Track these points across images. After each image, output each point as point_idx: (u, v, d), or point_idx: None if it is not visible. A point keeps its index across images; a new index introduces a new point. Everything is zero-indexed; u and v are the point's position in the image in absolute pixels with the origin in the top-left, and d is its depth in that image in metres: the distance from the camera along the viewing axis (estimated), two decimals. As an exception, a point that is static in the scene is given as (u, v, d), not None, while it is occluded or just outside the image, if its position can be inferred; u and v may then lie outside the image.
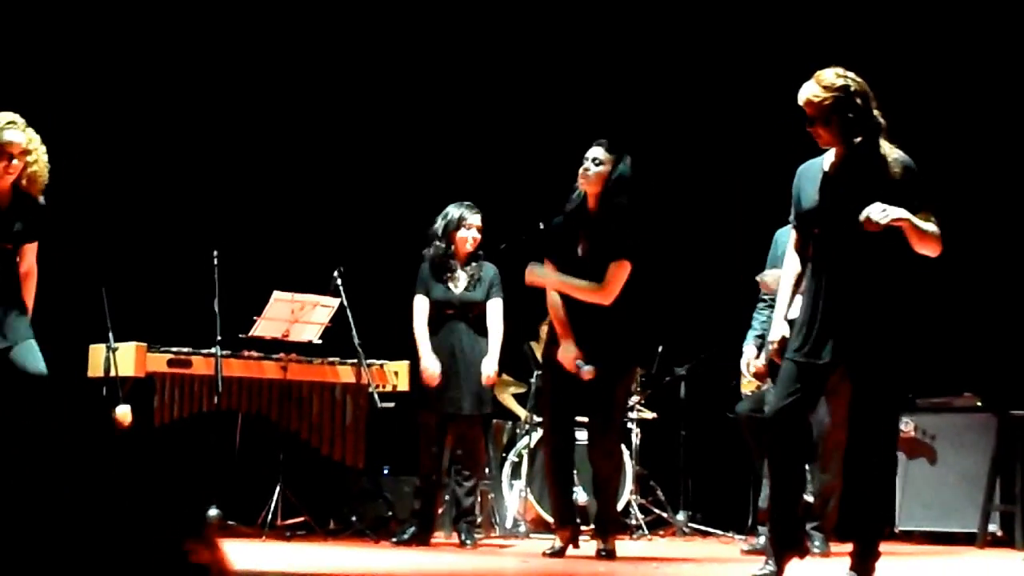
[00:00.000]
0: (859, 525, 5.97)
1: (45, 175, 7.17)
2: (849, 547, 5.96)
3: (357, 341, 8.86)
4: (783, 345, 6.01)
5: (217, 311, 8.58)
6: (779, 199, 6.29)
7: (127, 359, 8.48)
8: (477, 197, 8.76)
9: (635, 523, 9.89)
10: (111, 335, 8.28)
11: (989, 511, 9.43)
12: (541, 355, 8.16)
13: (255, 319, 8.87)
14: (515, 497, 9.80)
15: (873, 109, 5.85)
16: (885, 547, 5.95)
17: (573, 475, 8.06)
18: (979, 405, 9.77)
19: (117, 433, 8.40)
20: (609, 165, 7.63)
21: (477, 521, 9.12)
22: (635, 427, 10.21)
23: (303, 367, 9.06)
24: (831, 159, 5.95)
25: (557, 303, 7.69)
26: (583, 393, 7.66)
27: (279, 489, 8.94)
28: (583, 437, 8.17)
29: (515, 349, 9.72)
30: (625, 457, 9.79)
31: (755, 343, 8.43)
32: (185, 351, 8.74)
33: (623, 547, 8.59)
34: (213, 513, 8.70)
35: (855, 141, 5.81)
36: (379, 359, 9.14)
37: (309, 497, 9.37)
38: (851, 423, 6.00)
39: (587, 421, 7.93)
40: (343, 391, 9.06)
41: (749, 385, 9.16)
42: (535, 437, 9.61)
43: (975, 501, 9.44)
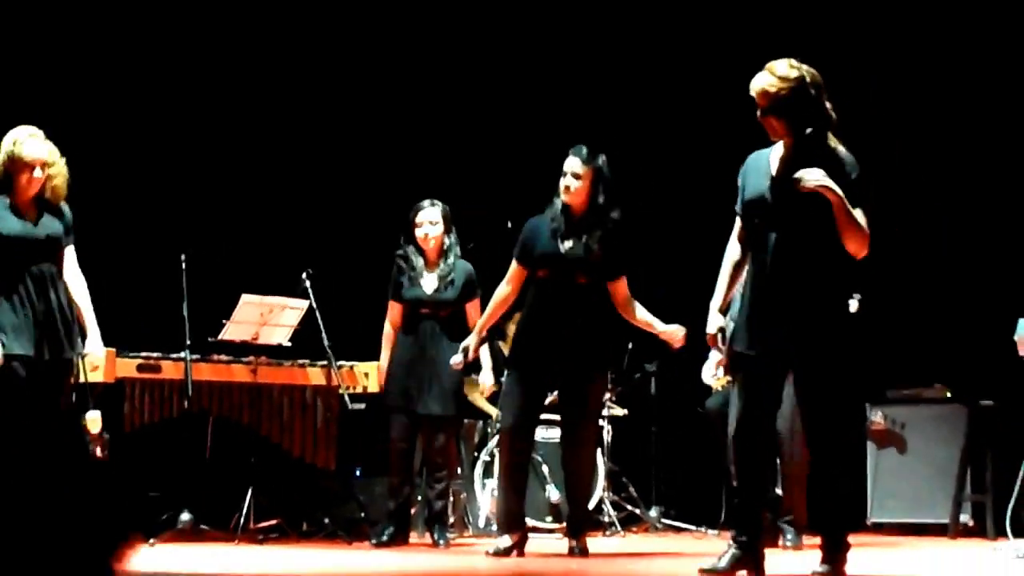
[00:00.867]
0: (826, 517, 5.98)
1: (65, 187, 7.36)
2: (818, 540, 5.97)
3: (327, 343, 8.85)
4: (716, 337, 6.08)
5: (186, 315, 8.56)
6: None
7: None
8: (448, 196, 8.74)
9: (608, 520, 9.89)
10: (79, 341, 8.23)
11: (960, 501, 9.48)
12: (508, 354, 8.14)
13: (224, 323, 8.84)
14: (487, 496, 9.78)
15: (825, 102, 5.86)
16: (857, 539, 5.98)
17: (528, 477, 7.98)
18: (949, 396, 9.80)
19: (88, 439, 8.39)
20: (589, 176, 7.61)
21: (450, 521, 9.11)
22: (606, 424, 10.21)
23: (273, 370, 9.03)
24: (779, 151, 5.95)
25: (493, 298, 7.73)
26: (561, 392, 7.65)
27: (251, 492, 8.91)
28: (555, 435, 8.16)
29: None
30: (596, 454, 9.79)
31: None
32: (154, 356, 8.70)
33: (596, 544, 8.59)
34: (185, 518, 8.68)
35: (806, 133, 5.83)
36: (349, 360, 9.11)
37: (281, 500, 9.35)
38: (806, 416, 5.99)
39: (562, 420, 7.91)
40: (313, 393, 9.03)
41: (720, 380, 9.18)
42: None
43: (946, 492, 9.48)
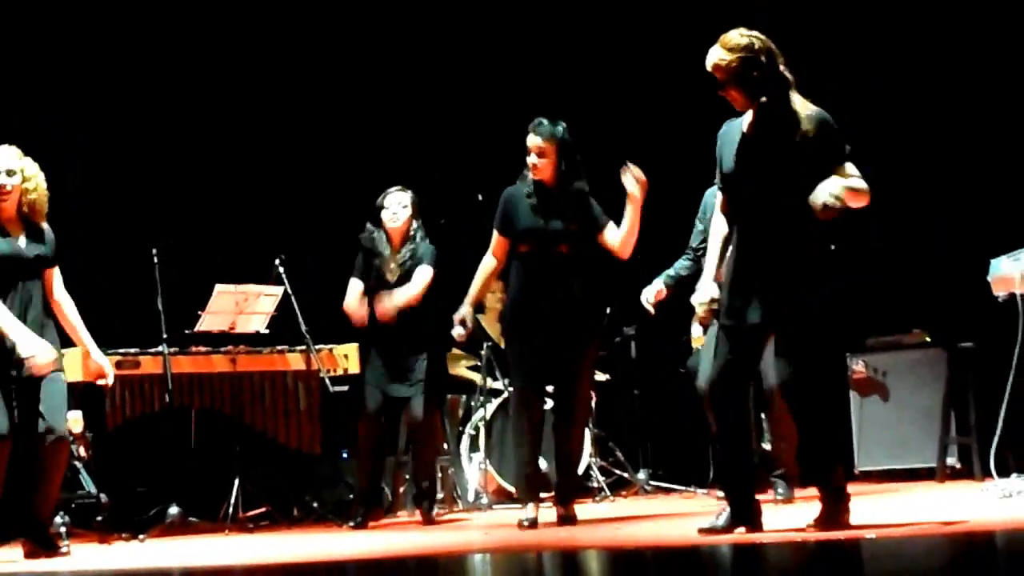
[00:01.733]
0: (822, 470, 5.98)
1: (45, 203, 7.36)
2: (810, 491, 5.98)
3: (304, 327, 8.84)
4: (710, 306, 6.09)
5: (161, 309, 8.54)
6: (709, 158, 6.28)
7: (74, 365, 8.39)
8: (417, 178, 8.73)
9: (596, 485, 9.89)
10: (57, 341, 8.20)
11: (946, 444, 9.50)
12: (502, 329, 8.09)
13: (200, 314, 8.82)
14: (475, 470, 9.79)
15: (780, 66, 5.87)
16: (848, 489, 5.98)
17: (539, 448, 7.98)
18: (928, 340, 9.82)
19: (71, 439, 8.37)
20: (553, 151, 7.60)
21: (438, 497, 9.11)
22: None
23: (252, 358, 9.02)
24: (748, 120, 5.97)
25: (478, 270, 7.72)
26: (551, 363, 7.64)
27: (238, 482, 8.90)
28: (545, 405, 8.14)
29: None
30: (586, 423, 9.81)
31: (663, 280, 8.44)
32: (132, 352, 8.68)
33: (586, 510, 8.61)
34: (174, 511, 8.66)
35: (762, 100, 5.83)
36: (328, 343, 9.10)
37: (269, 487, 9.35)
38: (795, 370, 5.99)
39: (554, 391, 7.90)
40: (294, 378, 9.03)
41: (699, 340, 9.18)
42: (490, 409, 9.60)
43: (931, 436, 9.50)
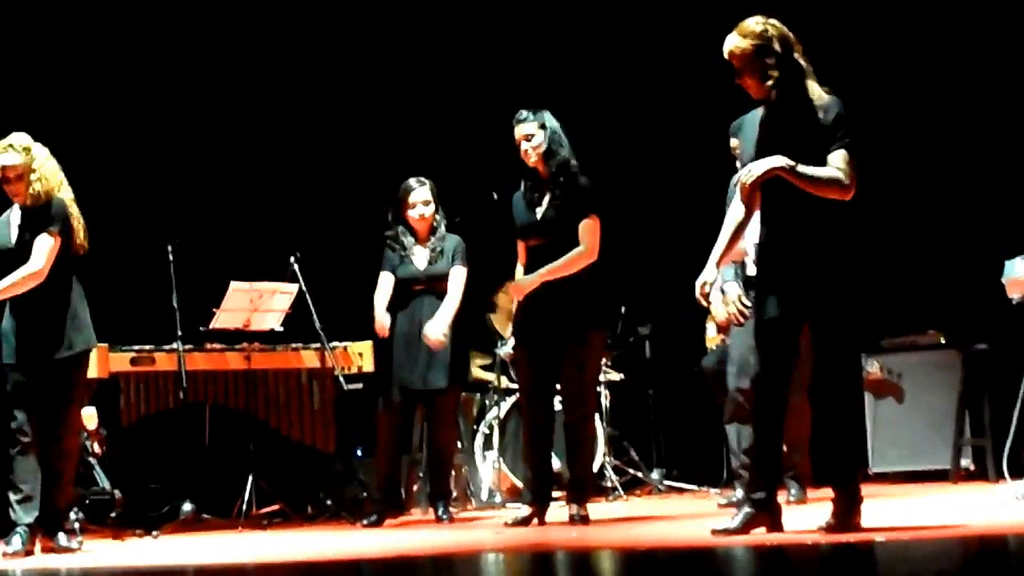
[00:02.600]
0: (836, 470, 5.98)
1: (47, 183, 7.36)
2: (823, 492, 5.98)
3: (319, 325, 8.84)
4: (703, 290, 6.13)
5: (176, 306, 8.55)
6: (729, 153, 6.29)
7: (90, 361, 8.43)
8: (433, 172, 8.72)
9: (610, 485, 9.89)
10: (76, 339, 8.22)
11: (960, 446, 9.48)
12: (512, 329, 8.09)
13: (214, 311, 8.83)
14: (489, 468, 9.80)
15: (795, 53, 5.87)
16: (861, 490, 5.98)
17: (552, 449, 7.96)
18: (943, 342, 9.80)
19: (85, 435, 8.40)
20: (541, 135, 7.63)
21: (452, 495, 9.12)
22: (604, 389, 10.22)
23: (267, 355, 9.03)
24: (763, 108, 5.99)
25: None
26: (556, 361, 7.63)
27: (251, 479, 8.91)
28: (556, 404, 8.14)
29: (477, 321, 9.71)
30: (596, 420, 9.80)
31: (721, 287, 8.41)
32: (147, 349, 8.70)
33: (599, 509, 8.61)
34: (187, 508, 8.67)
35: (778, 87, 5.84)
36: (342, 341, 9.11)
37: (283, 484, 9.36)
38: (817, 368, 6.01)
39: (561, 388, 7.90)
40: (309, 376, 9.03)
41: (713, 339, 9.18)
42: (504, 407, 9.60)
43: (946, 438, 9.49)
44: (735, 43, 5.90)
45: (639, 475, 10.26)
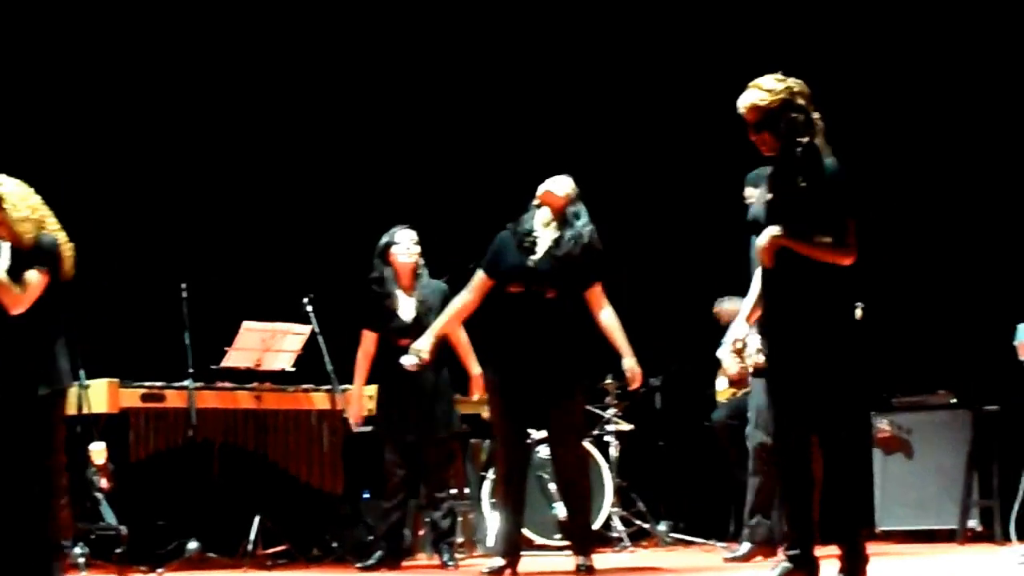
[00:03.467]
0: (842, 527, 5.98)
1: (24, 225, 7.03)
2: (830, 549, 5.97)
3: (330, 367, 8.85)
4: (735, 347, 6.13)
5: (188, 344, 8.57)
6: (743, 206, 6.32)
7: (100, 396, 8.47)
8: (447, 219, 8.75)
9: (616, 535, 9.88)
10: (82, 372, 8.26)
11: (968, 507, 9.45)
12: (484, 377, 8.02)
13: (226, 350, 8.85)
14: (495, 515, 9.77)
15: (812, 112, 5.89)
16: (868, 548, 5.97)
17: (525, 499, 7.84)
18: (953, 402, 9.79)
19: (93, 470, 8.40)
20: (568, 188, 7.59)
21: (458, 541, 9.10)
22: (613, 439, 10.22)
23: (277, 395, 9.04)
24: (774, 165, 6.00)
25: (451, 309, 7.75)
26: (543, 410, 7.59)
27: (258, 519, 8.91)
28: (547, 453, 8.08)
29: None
30: (604, 469, 9.79)
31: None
32: (158, 385, 8.71)
33: (606, 560, 8.59)
34: (192, 546, 8.67)
35: (802, 143, 5.84)
36: (352, 383, 9.10)
37: (289, 525, 9.35)
38: (819, 425, 6.00)
39: (549, 438, 7.85)
40: (318, 417, 9.04)
41: (724, 393, 9.19)
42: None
43: (954, 498, 9.46)
44: (759, 97, 5.87)
45: (646, 526, 10.24)
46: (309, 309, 9.03)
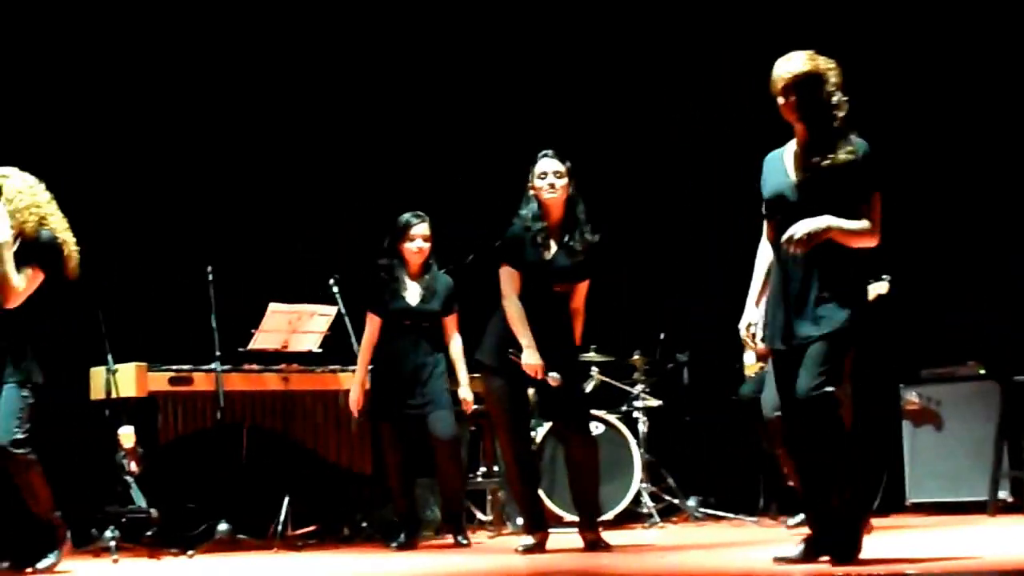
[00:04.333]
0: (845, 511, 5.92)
1: (26, 217, 7.08)
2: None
3: (356, 348, 8.86)
4: (748, 331, 6.11)
5: (215, 327, 8.59)
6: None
7: (128, 380, 8.49)
8: (466, 203, 8.74)
9: (646, 511, 9.88)
10: (110, 357, 8.29)
11: (998, 478, 9.43)
12: (490, 362, 7.96)
13: (253, 332, 8.86)
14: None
15: (840, 90, 5.87)
16: (896, 521, 5.96)
17: (540, 478, 7.92)
18: (983, 373, 9.76)
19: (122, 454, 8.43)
20: (568, 174, 7.63)
21: (487, 518, 9.10)
22: (641, 415, 10.22)
23: (304, 377, 9.06)
24: (793, 147, 5.96)
25: (518, 313, 7.58)
26: (547, 395, 7.65)
27: (287, 500, 8.93)
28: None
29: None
30: (633, 446, 9.79)
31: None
32: (185, 368, 8.74)
33: (634, 536, 8.60)
34: (223, 528, 8.69)
35: (832, 121, 5.81)
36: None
37: (319, 506, 9.38)
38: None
39: (554, 422, 7.91)
40: (346, 398, 9.04)
41: (752, 367, 9.17)
42: (540, 433, 9.56)
43: (984, 469, 9.44)
44: (788, 69, 5.85)
45: (675, 502, 10.24)
46: (335, 290, 9.05)
